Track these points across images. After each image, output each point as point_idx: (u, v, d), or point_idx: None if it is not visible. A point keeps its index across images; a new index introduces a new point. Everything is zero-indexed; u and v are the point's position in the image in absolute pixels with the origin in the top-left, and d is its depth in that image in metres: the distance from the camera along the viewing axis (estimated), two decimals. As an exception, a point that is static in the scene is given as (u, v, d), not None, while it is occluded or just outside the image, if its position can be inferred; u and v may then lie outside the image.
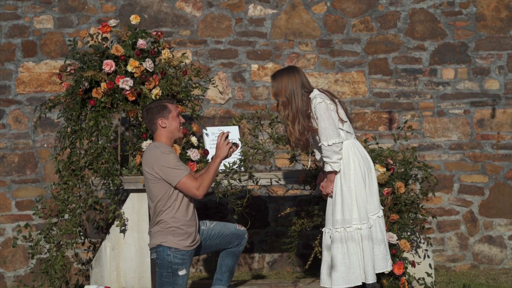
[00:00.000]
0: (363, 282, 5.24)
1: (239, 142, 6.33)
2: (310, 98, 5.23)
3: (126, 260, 6.16)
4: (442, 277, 6.93)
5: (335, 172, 5.20)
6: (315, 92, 5.26)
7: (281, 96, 5.25)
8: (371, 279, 5.17)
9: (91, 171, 6.21)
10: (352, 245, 5.16)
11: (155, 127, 5.22)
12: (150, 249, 5.20)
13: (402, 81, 7.37)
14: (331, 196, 5.26)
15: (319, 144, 5.22)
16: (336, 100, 5.29)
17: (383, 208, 5.44)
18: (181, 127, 5.26)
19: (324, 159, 5.20)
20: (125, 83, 6.13)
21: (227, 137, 5.16)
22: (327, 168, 5.20)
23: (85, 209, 6.15)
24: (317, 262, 7.18)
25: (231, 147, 5.15)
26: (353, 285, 5.18)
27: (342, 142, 5.19)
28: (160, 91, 6.19)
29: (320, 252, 6.29)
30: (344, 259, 5.17)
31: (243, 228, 5.43)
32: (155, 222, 5.16)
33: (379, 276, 5.47)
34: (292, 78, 5.25)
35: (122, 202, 6.46)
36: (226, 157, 5.16)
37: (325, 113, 5.16)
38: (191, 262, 5.25)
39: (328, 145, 5.12)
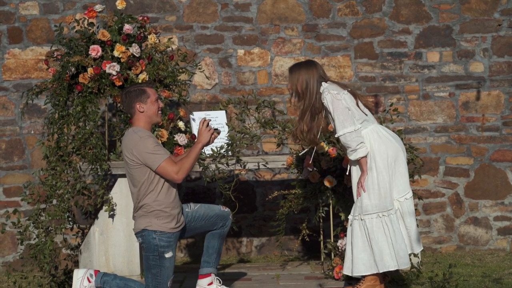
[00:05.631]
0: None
1: (221, 129, 6.34)
2: (320, 92, 5.20)
3: (115, 245, 6.19)
4: (428, 258, 7.00)
5: (364, 157, 5.13)
6: (324, 85, 5.21)
7: (296, 89, 5.23)
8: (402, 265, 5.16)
9: (79, 157, 6.22)
10: (372, 232, 5.14)
11: (133, 111, 5.20)
12: (135, 234, 5.20)
13: (387, 65, 7.41)
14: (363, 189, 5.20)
15: (336, 135, 5.20)
16: (347, 90, 5.22)
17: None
18: (159, 112, 5.23)
19: (347, 150, 5.16)
20: (112, 68, 6.14)
21: (208, 123, 5.15)
22: (353, 156, 5.13)
23: (73, 194, 6.16)
24: (305, 245, 7.25)
25: (212, 133, 5.14)
26: (375, 272, 5.15)
27: (359, 129, 5.13)
28: (147, 76, 6.20)
29: (308, 235, 6.36)
30: (365, 247, 5.16)
31: (227, 209, 5.45)
32: (138, 207, 5.17)
33: None
34: (309, 72, 5.21)
35: (110, 187, 6.48)
36: (208, 143, 5.15)
37: (332, 103, 5.13)
38: (177, 245, 5.26)
39: (343, 134, 5.11)
